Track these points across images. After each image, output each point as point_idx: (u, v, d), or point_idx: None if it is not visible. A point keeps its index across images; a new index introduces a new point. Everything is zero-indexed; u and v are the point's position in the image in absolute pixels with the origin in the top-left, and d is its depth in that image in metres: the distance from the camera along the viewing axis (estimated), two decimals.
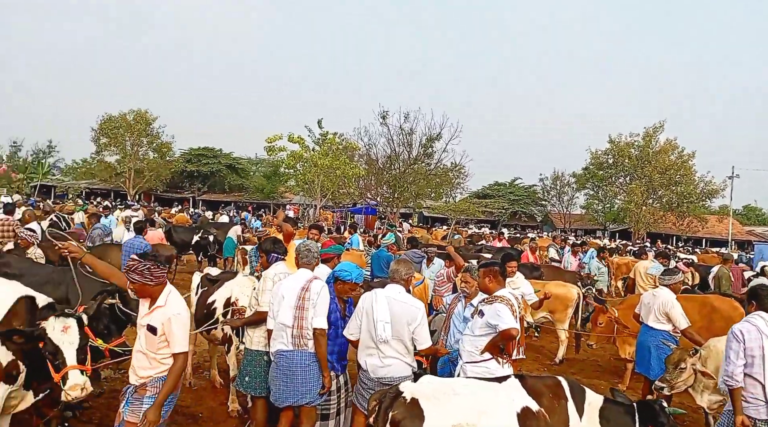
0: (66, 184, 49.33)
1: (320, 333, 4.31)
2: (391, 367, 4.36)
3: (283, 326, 4.35)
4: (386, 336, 4.33)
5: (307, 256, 4.65)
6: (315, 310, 4.32)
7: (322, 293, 4.39)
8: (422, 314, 4.45)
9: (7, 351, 3.87)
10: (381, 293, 4.54)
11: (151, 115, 45.41)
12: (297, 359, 4.30)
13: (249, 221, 25.95)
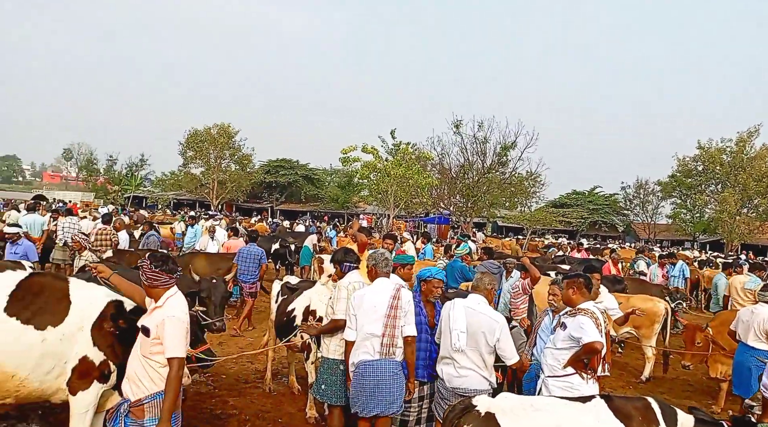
0: (156, 195, 52.54)
1: (412, 340, 4.37)
2: (466, 378, 4.34)
3: (371, 335, 4.36)
4: (460, 345, 4.31)
5: (385, 265, 4.67)
6: (405, 318, 4.36)
7: (411, 302, 4.45)
8: (501, 327, 4.38)
9: (98, 351, 4.14)
10: (459, 302, 4.54)
11: (233, 129, 47.60)
12: (384, 369, 4.30)
13: (324, 231, 26.51)
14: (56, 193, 43.44)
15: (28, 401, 4.21)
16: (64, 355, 4.02)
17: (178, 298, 3.72)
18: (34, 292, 4.14)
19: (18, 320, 3.98)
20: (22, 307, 4.04)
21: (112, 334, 4.21)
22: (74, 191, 52.91)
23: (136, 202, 49.46)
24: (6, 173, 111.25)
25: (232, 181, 47.51)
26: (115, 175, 54.46)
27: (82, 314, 4.16)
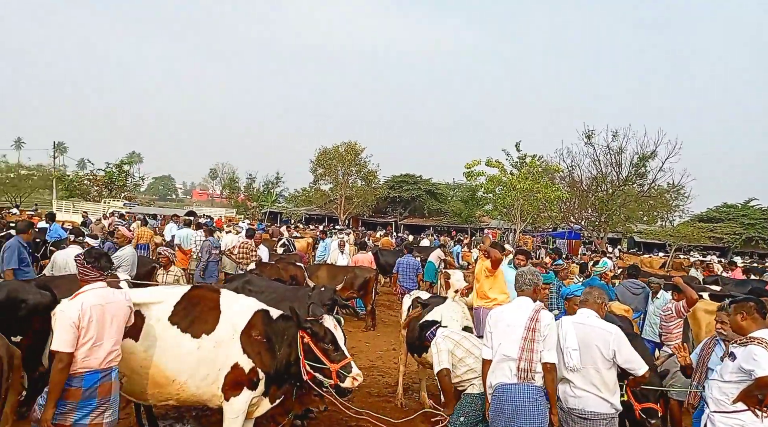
0: (290, 211, 55.77)
1: (551, 368, 4.04)
2: (582, 399, 4.05)
3: (507, 357, 4.16)
4: (574, 364, 4.04)
5: (528, 283, 4.41)
6: (545, 343, 4.06)
7: (552, 326, 4.13)
8: (617, 337, 4.03)
9: (248, 358, 4.36)
10: (567, 319, 4.27)
11: (360, 146, 49.27)
12: (523, 394, 4.05)
13: (449, 246, 26.33)
14: (204, 209, 47.69)
15: (186, 403, 4.54)
16: (217, 362, 4.28)
17: (84, 295, 3.70)
18: (192, 303, 4.49)
19: (178, 328, 4.32)
20: (182, 317, 4.39)
21: (260, 342, 4.42)
22: (219, 207, 57.68)
23: (272, 218, 52.85)
24: (162, 192, 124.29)
25: (358, 197, 49.09)
26: (253, 193, 58.66)
27: (232, 323, 4.42)
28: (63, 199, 40.36)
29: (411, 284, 11.58)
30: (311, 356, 4.38)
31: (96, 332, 3.65)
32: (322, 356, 4.35)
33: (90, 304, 3.69)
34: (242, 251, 10.55)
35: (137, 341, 4.28)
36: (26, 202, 40.42)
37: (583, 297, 4.43)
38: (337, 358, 4.35)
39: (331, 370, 4.30)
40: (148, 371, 4.22)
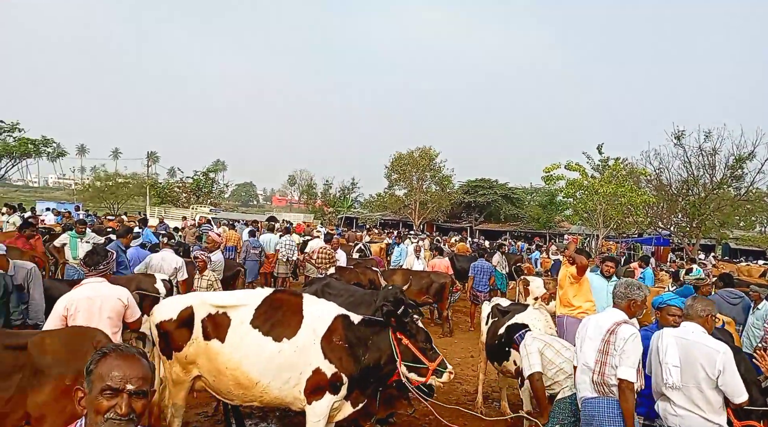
0: (365, 216, 56.48)
1: (626, 386, 3.73)
2: (683, 418, 3.76)
3: (586, 367, 3.97)
4: (674, 382, 3.75)
5: (620, 295, 4.09)
6: (621, 358, 3.76)
7: (631, 341, 3.78)
8: (724, 358, 3.66)
9: (330, 363, 4.41)
10: (668, 332, 3.96)
11: (434, 151, 49.14)
12: (602, 408, 3.83)
13: (525, 251, 25.66)
14: (283, 215, 49.27)
15: (271, 405, 4.66)
16: (298, 366, 4.36)
17: (77, 289, 4.28)
18: (274, 307, 4.60)
19: (260, 332, 4.45)
20: (264, 320, 4.50)
21: (341, 347, 4.46)
22: (297, 213, 59.35)
23: (348, 223, 53.72)
24: (244, 198, 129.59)
25: (432, 202, 48.92)
26: (330, 198, 59.90)
27: (313, 328, 4.49)
28: (155, 205, 43.05)
29: (484, 288, 11.82)
30: (407, 357, 4.44)
31: (84, 320, 4.18)
32: (420, 355, 4.44)
33: (79, 296, 4.27)
34: (322, 255, 10.76)
35: (223, 343, 4.45)
36: (123, 209, 43.39)
37: (685, 310, 4.10)
38: (433, 356, 4.46)
39: (429, 368, 4.39)
40: (234, 373, 4.36)
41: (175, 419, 4.64)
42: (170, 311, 4.65)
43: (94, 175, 53.09)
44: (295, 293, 4.90)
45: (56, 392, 3.51)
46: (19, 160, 38.42)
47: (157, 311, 4.76)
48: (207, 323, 4.50)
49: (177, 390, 4.62)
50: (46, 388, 3.51)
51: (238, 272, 9.83)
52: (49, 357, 3.58)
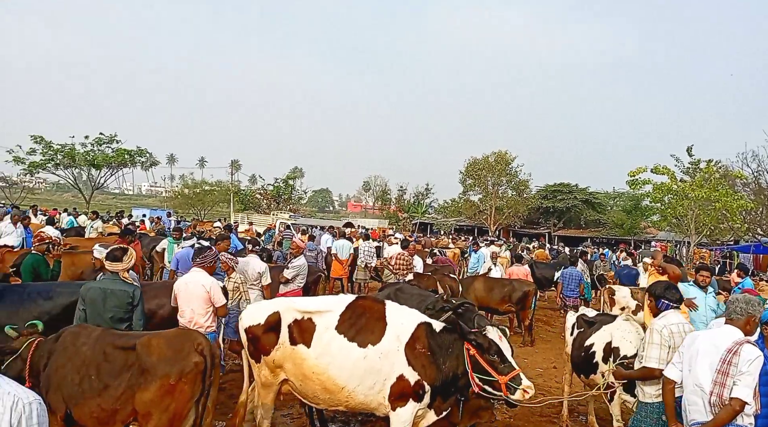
0: (439, 222, 56.28)
1: (735, 403, 3.47)
2: None
3: (699, 388, 3.68)
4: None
5: (740, 311, 3.77)
6: (740, 378, 3.51)
7: (756, 363, 3.52)
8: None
9: (413, 371, 4.41)
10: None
11: (510, 155, 48.25)
12: None
13: (609, 258, 24.58)
14: (358, 220, 50.03)
15: (356, 411, 4.73)
16: (383, 372, 4.40)
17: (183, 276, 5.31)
18: (358, 313, 4.67)
19: (345, 337, 4.52)
20: (348, 326, 4.58)
21: (424, 354, 4.47)
22: (371, 219, 60.03)
23: (422, 228, 53.73)
24: (321, 204, 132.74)
25: (509, 207, 48.02)
26: (404, 204, 60.21)
27: (397, 335, 4.52)
28: (239, 211, 44.99)
29: (573, 294, 11.71)
30: (478, 368, 4.34)
31: (183, 300, 5.47)
32: (489, 368, 4.29)
33: (180, 281, 5.59)
34: (399, 261, 10.80)
35: (309, 348, 4.56)
36: (209, 215, 45.68)
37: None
38: (504, 370, 4.27)
39: (500, 382, 4.22)
40: (320, 378, 4.46)
41: (264, 421, 4.82)
42: (258, 315, 4.83)
43: (183, 183, 56.20)
44: (377, 300, 4.96)
45: (161, 391, 3.75)
46: (117, 169, 41.26)
47: (245, 316, 4.96)
48: (293, 328, 4.64)
49: (266, 392, 4.79)
50: (152, 386, 3.76)
51: (319, 278, 10.06)
52: (154, 357, 3.83)
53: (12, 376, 3.65)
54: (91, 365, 3.85)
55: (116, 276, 4.86)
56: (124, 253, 4.90)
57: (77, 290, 5.37)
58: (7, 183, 44.88)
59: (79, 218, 20.03)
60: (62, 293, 5.62)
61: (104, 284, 4.82)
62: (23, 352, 3.86)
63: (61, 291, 5.64)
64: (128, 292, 4.81)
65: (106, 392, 3.81)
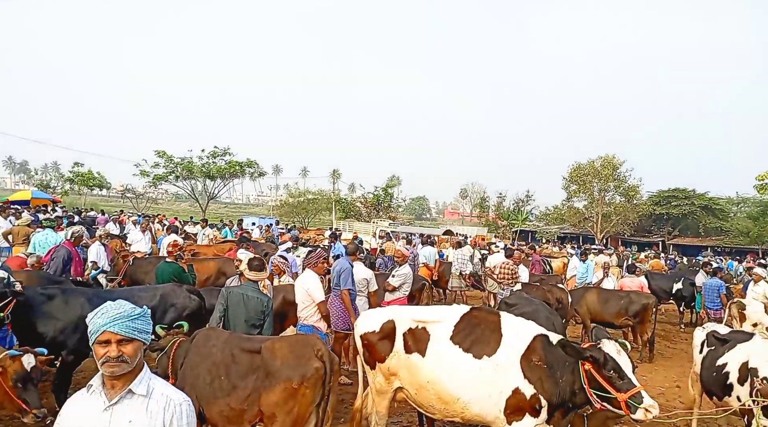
0: (542, 229, 54.49)
1: None
2: None
3: None
4: None
5: None
6: None
7: None
8: None
9: (529, 384, 4.28)
10: None
11: (618, 160, 45.72)
12: None
13: (735, 269, 22.51)
14: (456, 228, 49.71)
15: (472, 422, 4.68)
16: (498, 384, 4.31)
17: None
18: (472, 324, 4.62)
19: (460, 348, 4.49)
20: (463, 337, 4.54)
21: (540, 368, 4.32)
22: (469, 226, 59.35)
23: (523, 236, 52.29)
24: (418, 211, 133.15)
25: (617, 214, 45.46)
26: (503, 211, 58.97)
27: (513, 347, 4.41)
28: (340, 219, 46.34)
29: (716, 306, 11.71)
30: (595, 384, 4.12)
31: (298, 298, 6.29)
32: (606, 384, 4.05)
33: (297, 281, 6.54)
34: (504, 271, 10.58)
35: (423, 357, 4.58)
36: (312, 223, 47.47)
37: None
38: (623, 387, 4.00)
39: (619, 400, 3.97)
40: (435, 387, 4.46)
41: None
42: (373, 323, 4.93)
43: (288, 193, 58.88)
44: (492, 311, 4.89)
45: (285, 394, 3.93)
46: (229, 180, 44.02)
47: (360, 323, 5.09)
48: (408, 336, 4.68)
49: (380, 399, 4.87)
50: (276, 389, 3.95)
51: (423, 286, 10.08)
52: (278, 361, 4.02)
53: (160, 373, 4.01)
54: (221, 367, 4.11)
55: (255, 285, 5.20)
56: (263, 265, 5.23)
57: (155, 293, 5.87)
58: (135, 194, 49.41)
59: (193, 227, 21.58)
60: (143, 297, 5.88)
61: (244, 290, 5.17)
62: (168, 350, 4.21)
63: (142, 296, 5.91)
64: (263, 301, 5.13)
65: (235, 392, 4.05)
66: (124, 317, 2.21)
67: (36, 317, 5.34)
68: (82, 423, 2.19)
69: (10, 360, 3.88)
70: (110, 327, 2.17)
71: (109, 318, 2.19)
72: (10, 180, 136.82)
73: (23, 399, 3.82)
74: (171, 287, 6.27)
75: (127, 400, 2.20)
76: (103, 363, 2.17)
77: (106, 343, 2.17)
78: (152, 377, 2.31)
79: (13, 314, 5.10)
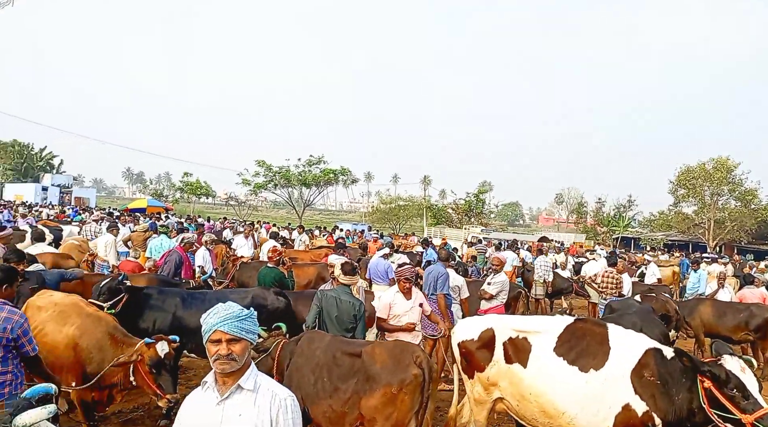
0: (646, 236, 51.33)
1: None
2: None
3: None
4: None
5: None
6: None
7: None
8: None
9: (640, 400, 4.02)
10: None
11: (733, 162, 42.15)
12: None
13: None
14: (551, 234, 48.00)
15: None
16: (606, 399, 4.09)
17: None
18: (577, 335, 4.44)
19: (565, 360, 4.32)
20: (568, 349, 4.36)
21: (653, 383, 4.07)
22: (565, 232, 57.13)
23: (625, 243, 49.53)
24: (510, 217, 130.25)
25: (732, 220, 41.85)
26: (603, 217, 56.21)
27: (622, 360, 4.18)
28: (431, 225, 46.31)
29: None
30: (717, 404, 3.80)
31: None
32: (729, 404, 3.73)
33: None
34: (607, 280, 10.08)
35: (525, 368, 4.46)
36: (403, 229, 47.81)
37: None
38: (749, 408, 3.66)
39: (744, 422, 3.64)
40: (538, 400, 4.32)
41: None
42: (471, 331, 4.87)
43: (379, 199, 59.73)
44: (598, 323, 4.67)
45: (384, 399, 3.97)
46: (324, 187, 45.40)
47: (458, 330, 5.04)
48: (508, 346, 4.58)
49: (479, 409, 4.79)
50: (376, 394, 3.99)
51: (519, 294, 9.85)
52: (378, 366, 4.07)
53: (264, 372, 4.20)
54: (324, 368, 4.22)
55: (348, 288, 5.32)
56: (356, 269, 5.34)
57: (246, 295, 6.11)
58: (237, 202, 52.28)
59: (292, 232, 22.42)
60: (234, 299, 6.07)
61: (337, 293, 5.30)
62: (272, 351, 4.39)
63: (233, 298, 6.01)
64: (355, 305, 5.23)
65: (336, 394, 4.14)
66: (233, 317, 2.34)
67: (139, 313, 5.89)
68: (199, 417, 2.35)
69: (146, 347, 4.22)
70: (221, 326, 2.31)
71: (220, 318, 2.33)
72: (128, 189, 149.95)
73: (158, 384, 4.14)
74: (260, 289, 6.57)
75: (237, 395, 2.32)
76: (214, 360, 2.30)
77: (218, 342, 2.30)
78: (259, 374, 2.43)
79: (121, 309, 5.63)
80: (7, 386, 3.61)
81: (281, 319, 5.66)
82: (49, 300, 4.94)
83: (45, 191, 49.44)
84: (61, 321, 4.63)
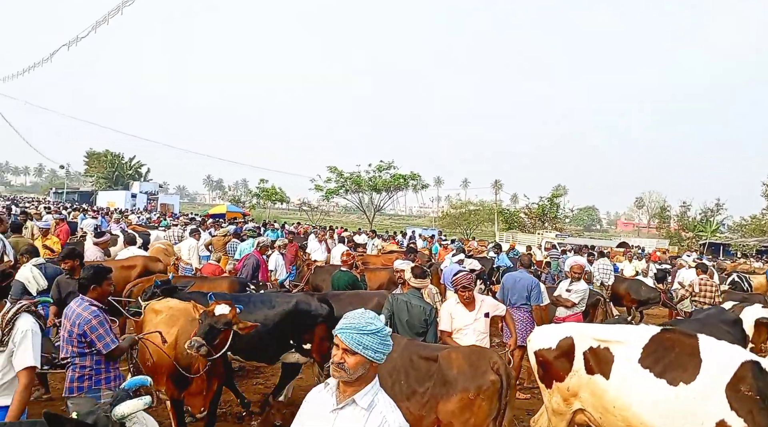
0: (736, 242, 48.01)
1: None
2: None
3: None
4: None
5: None
6: None
7: None
8: None
9: (737, 416, 3.74)
10: None
11: None
12: None
13: None
14: (631, 239, 45.77)
15: None
16: (698, 415, 3.85)
17: None
18: (665, 346, 4.20)
19: (651, 373, 4.09)
20: (654, 361, 4.14)
21: (751, 398, 3.79)
22: (645, 238, 54.34)
23: (713, 249, 46.50)
24: (586, 222, 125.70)
25: None
26: (688, 222, 53.12)
27: (715, 374, 3.93)
28: (503, 230, 45.47)
29: None
30: None
31: None
32: None
33: None
34: (704, 288, 9.52)
35: (607, 380, 4.27)
36: (473, 234, 47.19)
37: None
38: None
39: None
40: (623, 413, 4.12)
41: None
42: (549, 339, 4.72)
43: (450, 204, 59.32)
44: (688, 333, 4.40)
45: (461, 404, 3.93)
46: (394, 192, 45.68)
47: (534, 338, 4.90)
48: (589, 356, 4.40)
49: (557, 420, 4.63)
50: (453, 398, 3.96)
51: (598, 302, 9.45)
52: (455, 371, 4.03)
53: None
54: (401, 371, 4.23)
55: (418, 292, 5.30)
56: (425, 272, 5.32)
57: (291, 299, 6.10)
58: (310, 207, 53.58)
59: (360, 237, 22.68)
60: (279, 302, 6.16)
61: (408, 297, 5.30)
62: None
63: (278, 301, 6.20)
64: (426, 309, 5.20)
65: (413, 397, 4.13)
66: (354, 328, 2.22)
67: None
68: (316, 418, 2.32)
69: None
70: (339, 333, 2.24)
71: (342, 325, 2.26)
72: (208, 196, 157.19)
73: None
74: (304, 294, 6.63)
75: (351, 408, 2.24)
76: (331, 363, 2.27)
77: (337, 346, 2.25)
78: (379, 392, 2.29)
79: None
80: (87, 380, 3.87)
81: (326, 323, 5.73)
82: (165, 305, 5.29)
83: (134, 198, 52.87)
84: (170, 323, 4.91)
